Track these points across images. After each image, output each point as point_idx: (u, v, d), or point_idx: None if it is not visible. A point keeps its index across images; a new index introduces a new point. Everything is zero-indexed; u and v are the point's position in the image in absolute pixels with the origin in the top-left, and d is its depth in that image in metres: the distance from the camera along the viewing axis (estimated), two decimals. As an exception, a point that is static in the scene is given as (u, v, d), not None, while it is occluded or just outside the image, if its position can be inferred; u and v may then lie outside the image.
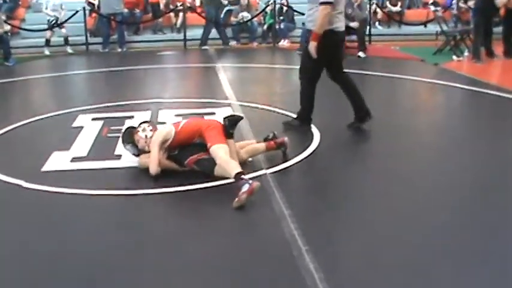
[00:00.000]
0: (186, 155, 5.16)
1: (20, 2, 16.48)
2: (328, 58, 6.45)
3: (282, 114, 7.30)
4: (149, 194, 4.84)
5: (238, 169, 4.68)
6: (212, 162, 4.93)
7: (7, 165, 5.55)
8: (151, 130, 5.32)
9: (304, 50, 6.57)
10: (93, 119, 7.18)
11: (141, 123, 5.46)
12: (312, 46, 6.25)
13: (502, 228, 4.09)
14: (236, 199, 4.45)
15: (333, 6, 6.16)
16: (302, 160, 5.56)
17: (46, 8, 14.96)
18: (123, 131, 5.59)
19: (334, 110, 7.76)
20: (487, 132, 6.61)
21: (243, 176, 4.62)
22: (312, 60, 6.34)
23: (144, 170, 5.20)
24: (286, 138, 5.57)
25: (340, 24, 6.44)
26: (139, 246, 3.97)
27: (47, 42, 14.62)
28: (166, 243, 4.00)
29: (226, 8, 16.10)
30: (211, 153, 4.94)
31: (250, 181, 4.53)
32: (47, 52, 14.50)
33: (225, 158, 4.84)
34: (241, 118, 5.33)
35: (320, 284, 3.34)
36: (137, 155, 5.41)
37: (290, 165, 5.40)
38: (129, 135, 5.42)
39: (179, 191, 4.82)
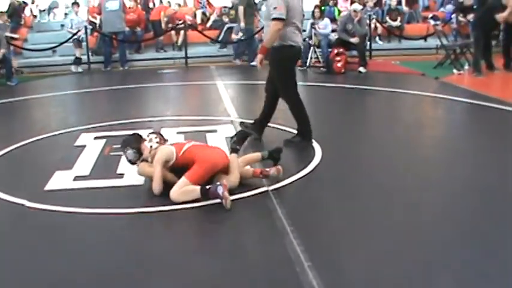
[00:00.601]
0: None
1: (22, 22, 16.57)
2: (291, 70, 6.72)
3: (284, 130, 7.30)
4: (150, 213, 4.83)
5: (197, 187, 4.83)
6: None
7: (10, 184, 5.57)
8: (157, 142, 5.35)
9: (273, 70, 6.77)
10: (96, 138, 7.20)
11: (149, 134, 5.49)
12: (259, 58, 6.67)
13: (503, 243, 4.07)
14: (223, 201, 4.63)
15: (285, 22, 6.33)
16: (304, 176, 5.56)
17: (71, 27, 15.16)
18: (128, 135, 5.61)
19: (336, 125, 7.79)
20: (488, 145, 6.60)
21: (207, 186, 4.81)
22: (282, 76, 6.66)
23: (145, 189, 5.20)
24: (274, 169, 5.42)
25: (298, 39, 6.61)
26: (140, 266, 3.96)
27: (77, 60, 14.98)
28: (167, 263, 3.99)
29: (227, 26, 16.19)
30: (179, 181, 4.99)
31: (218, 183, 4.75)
32: (76, 69, 14.86)
33: (184, 190, 4.93)
34: (250, 134, 5.36)
35: (323, 300, 3.34)
36: (133, 163, 5.45)
37: (292, 181, 5.40)
38: (135, 141, 5.45)
39: (178, 209, 4.81)
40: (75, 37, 14.94)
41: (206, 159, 5.13)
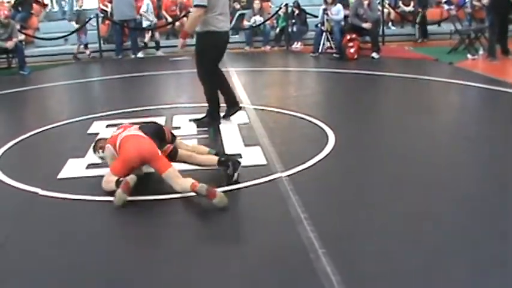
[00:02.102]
0: None
1: (33, 11, 16.57)
2: (214, 55, 7.05)
3: (296, 116, 7.27)
4: (161, 200, 4.83)
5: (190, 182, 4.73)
6: None
7: (23, 173, 5.58)
8: (100, 148, 5.38)
9: (196, 55, 7.13)
10: (108, 126, 7.18)
11: (96, 142, 5.55)
12: (180, 42, 7.22)
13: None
14: (215, 200, 4.53)
15: (206, 9, 6.68)
16: (317, 162, 5.53)
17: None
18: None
19: (349, 112, 7.74)
20: (504, 131, 6.53)
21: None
22: (204, 60, 7.01)
23: (156, 177, 5.16)
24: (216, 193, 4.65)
25: (222, 25, 6.93)
26: (152, 253, 3.96)
27: (146, 45, 15.51)
28: (178, 250, 3.99)
29: (239, 12, 16.13)
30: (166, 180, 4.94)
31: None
32: (141, 55, 15.08)
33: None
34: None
35: (338, 287, 3.31)
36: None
37: (305, 168, 5.37)
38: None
39: (190, 197, 4.80)
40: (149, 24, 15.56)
41: (126, 152, 5.02)
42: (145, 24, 15.60)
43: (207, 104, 7.19)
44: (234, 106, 7.23)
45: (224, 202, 4.52)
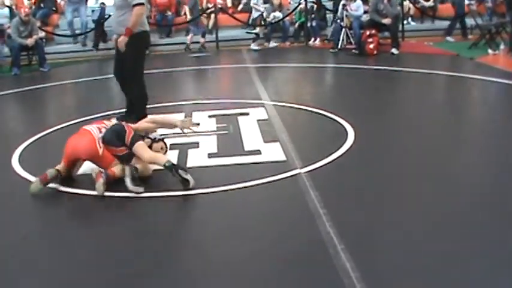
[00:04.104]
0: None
1: (54, 8, 16.64)
2: (142, 55, 7.02)
3: (315, 112, 7.25)
4: (173, 197, 4.84)
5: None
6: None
7: (43, 168, 5.58)
8: None
9: (128, 55, 6.77)
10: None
11: None
12: (124, 40, 6.64)
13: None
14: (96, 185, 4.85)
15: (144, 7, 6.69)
16: (337, 158, 5.51)
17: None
18: None
19: (368, 108, 7.70)
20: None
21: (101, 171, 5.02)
22: (137, 61, 6.88)
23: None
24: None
25: (147, 25, 6.97)
26: (167, 247, 3.99)
27: (258, 36, 15.29)
28: (197, 245, 4.01)
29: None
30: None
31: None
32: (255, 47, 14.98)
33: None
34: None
35: (357, 284, 3.30)
36: None
37: (325, 164, 5.36)
38: None
39: (209, 193, 4.82)
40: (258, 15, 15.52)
41: (66, 147, 5.29)
42: (256, 14, 15.70)
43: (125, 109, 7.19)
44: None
45: (100, 190, 4.82)
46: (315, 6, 15.72)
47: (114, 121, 5.74)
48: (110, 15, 14.60)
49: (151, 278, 3.55)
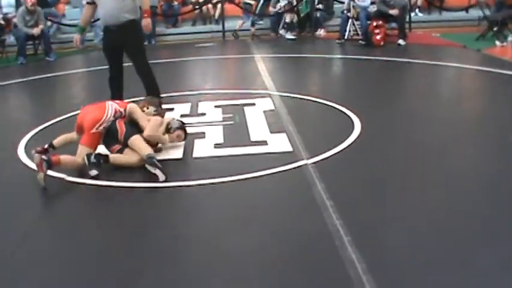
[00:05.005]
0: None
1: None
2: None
3: (322, 103, 7.23)
4: (184, 187, 4.85)
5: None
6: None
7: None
8: None
9: (134, 41, 6.95)
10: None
11: None
12: (149, 23, 7.00)
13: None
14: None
15: None
16: (343, 150, 5.50)
17: None
18: None
19: (375, 99, 7.67)
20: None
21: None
22: (142, 49, 7.09)
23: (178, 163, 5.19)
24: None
25: None
26: (175, 239, 3.98)
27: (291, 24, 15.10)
28: (204, 236, 4.01)
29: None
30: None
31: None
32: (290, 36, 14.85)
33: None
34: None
35: (363, 275, 3.30)
36: None
37: (331, 155, 5.35)
38: None
39: (217, 183, 4.82)
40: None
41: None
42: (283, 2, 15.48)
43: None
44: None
45: (40, 182, 4.87)
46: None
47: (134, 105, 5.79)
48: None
49: (154, 270, 3.56)
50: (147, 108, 5.89)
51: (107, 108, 5.43)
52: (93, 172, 5.06)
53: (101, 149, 5.45)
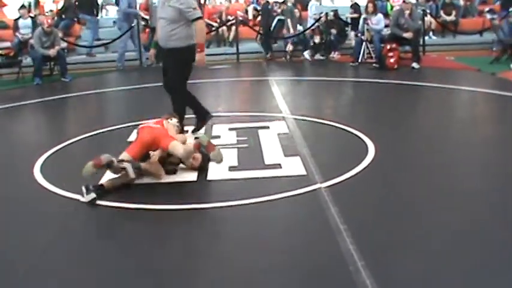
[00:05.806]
0: None
1: (76, 19, 16.76)
2: (190, 68, 7.09)
3: (336, 127, 7.24)
4: (194, 210, 4.86)
5: None
6: None
7: (65, 179, 5.64)
8: None
9: (178, 68, 6.99)
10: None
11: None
12: (203, 57, 6.96)
13: None
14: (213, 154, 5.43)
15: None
16: (357, 173, 5.50)
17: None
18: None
19: (389, 123, 7.67)
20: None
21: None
22: (185, 73, 7.06)
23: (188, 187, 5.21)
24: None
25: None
26: (187, 258, 3.99)
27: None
28: (217, 256, 4.02)
29: (278, 18, 15.93)
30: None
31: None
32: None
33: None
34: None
35: (377, 301, 3.29)
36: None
37: (345, 179, 5.35)
38: None
39: (229, 206, 4.83)
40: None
41: (141, 136, 5.79)
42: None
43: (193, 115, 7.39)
44: (205, 116, 7.32)
45: (220, 157, 5.43)
46: (334, 19, 15.67)
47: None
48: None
49: (171, 291, 3.57)
50: (171, 119, 6.15)
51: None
52: (91, 196, 5.06)
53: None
